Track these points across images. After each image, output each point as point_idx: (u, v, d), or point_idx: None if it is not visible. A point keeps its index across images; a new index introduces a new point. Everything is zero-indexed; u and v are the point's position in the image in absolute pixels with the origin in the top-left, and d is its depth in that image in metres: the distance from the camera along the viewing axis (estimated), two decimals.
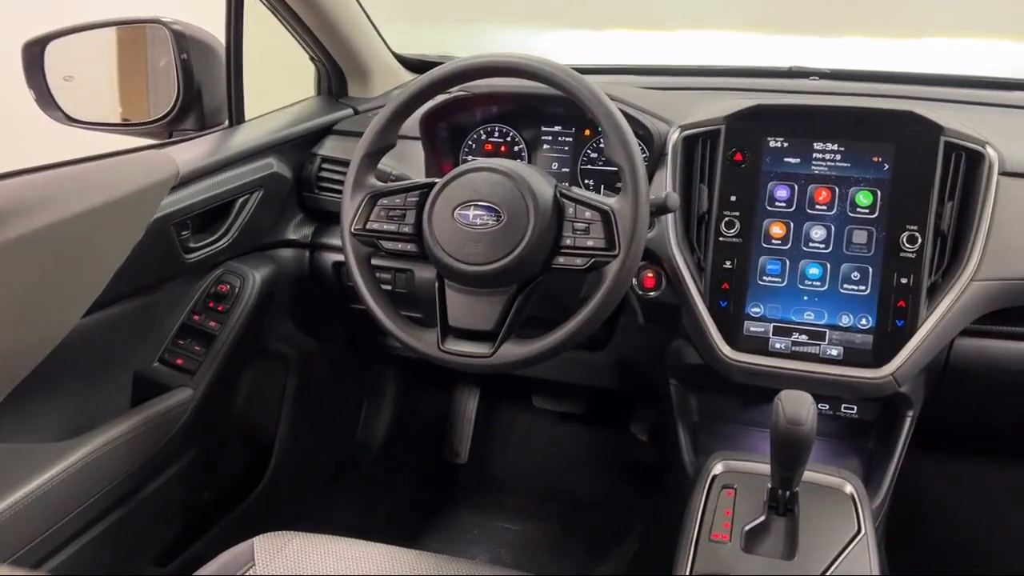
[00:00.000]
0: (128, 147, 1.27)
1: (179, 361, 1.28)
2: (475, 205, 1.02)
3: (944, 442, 1.59)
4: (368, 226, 1.07)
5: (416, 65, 1.65)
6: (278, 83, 1.70)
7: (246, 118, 1.44)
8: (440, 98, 1.31)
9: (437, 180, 1.06)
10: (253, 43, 1.41)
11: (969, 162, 1.11)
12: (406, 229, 1.06)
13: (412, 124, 1.33)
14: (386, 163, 1.22)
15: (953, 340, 1.14)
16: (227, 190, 1.30)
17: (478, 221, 1.01)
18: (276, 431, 1.57)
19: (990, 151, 1.10)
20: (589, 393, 1.92)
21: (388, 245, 1.07)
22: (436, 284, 1.06)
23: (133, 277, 1.15)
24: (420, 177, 1.23)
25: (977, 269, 1.08)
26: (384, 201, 1.08)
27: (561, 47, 2.07)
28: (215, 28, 1.38)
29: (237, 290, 1.33)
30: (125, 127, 1.43)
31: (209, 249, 1.30)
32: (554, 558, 1.77)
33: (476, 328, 1.04)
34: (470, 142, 1.40)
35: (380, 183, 1.10)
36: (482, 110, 1.38)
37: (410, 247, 1.07)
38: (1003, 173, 1.11)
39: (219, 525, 1.45)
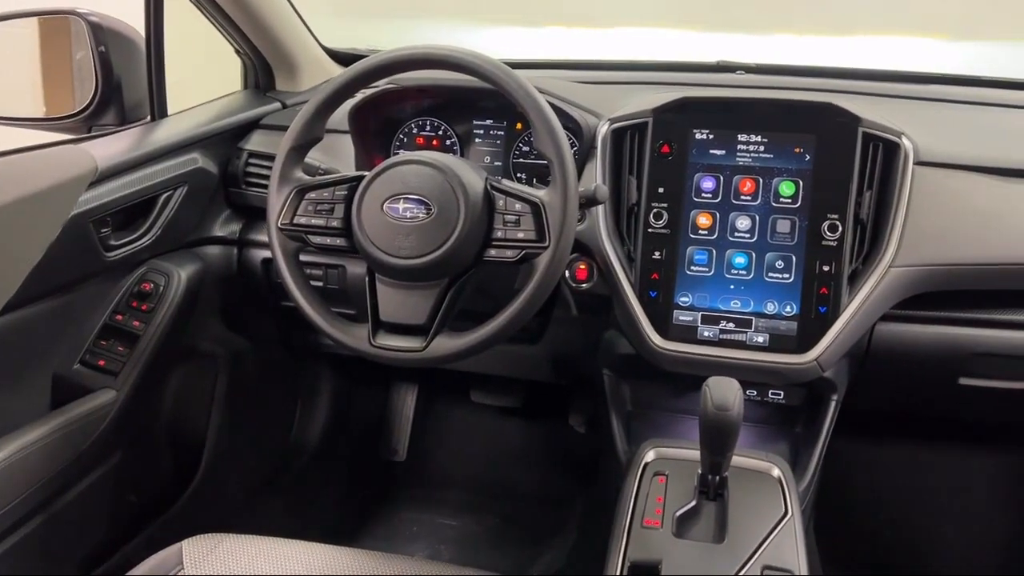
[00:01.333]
0: (43, 143, 1.23)
1: (101, 362, 1.24)
2: (405, 198, 1.01)
3: (868, 425, 1.65)
4: (295, 220, 1.06)
5: (345, 58, 1.63)
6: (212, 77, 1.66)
7: (169, 112, 1.40)
8: (369, 91, 1.30)
9: (366, 173, 1.05)
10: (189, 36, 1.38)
11: (886, 152, 1.15)
12: (334, 223, 1.05)
13: (342, 117, 1.32)
14: (315, 157, 1.20)
15: (874, 325, 1.18)
16: (149, 186, 1.26)
17: (408, 214, 1.01)
18: (206, 432, 1.53)
19: (906, 141, 1.14)
20: (527, 387, 1.93)
21: (316, 240, 1.06)
22: (366, 278, 1.05)
23: (50, 276, 1.11)
24: (350, 171, 1.22)
25: (895, 256, 1.12)
26: (311, 195, 1.06)
27: (496, 43, 2.08)
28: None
29: (162, 289, 1.29)
30: (39, 123, 1.38)
31: (131, 247, 1.26)
32: (494, 552, 1.78)
33: (408, 322, 1.03)
34: (401, 135, 1.39)
35: (307, 177, 1.09)
36: (413, 103, 1.37)
37: (339, 241, 1.05)
38: (918, 163, 1.15)
39: (147, 530, 1.41)
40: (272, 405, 1.78)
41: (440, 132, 1.38)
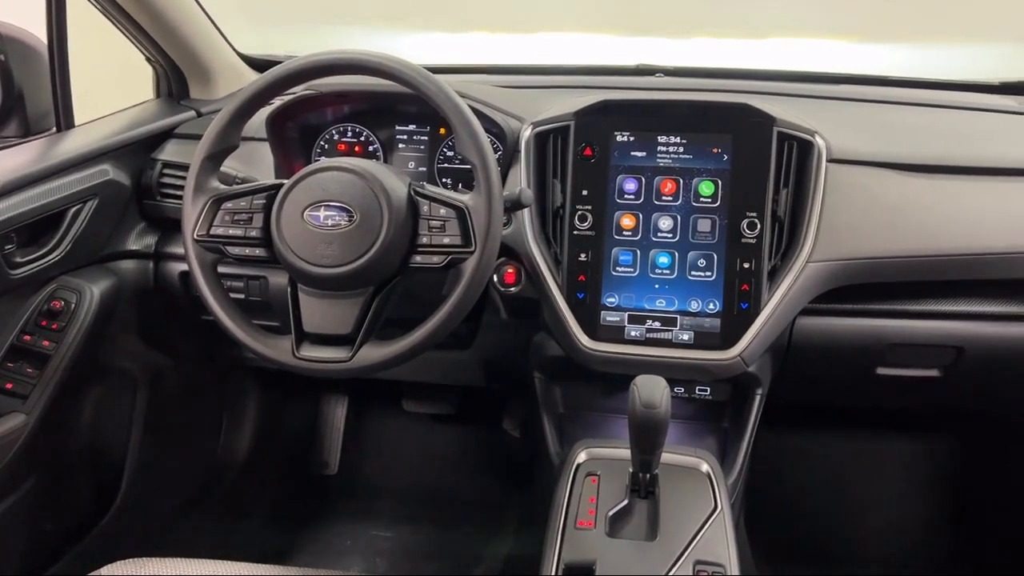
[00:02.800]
0: None
1: (9, 385, 1.19)
2: (326, 205, 0.99)
3: (793, 417, 1.69)
4: (212, 231, 1.03)
5: (262, 65, 1.60)
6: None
7: (77, 123, 1.35)
8: (286, 97, 1.27)
9: (285, 181, 1.03)
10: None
11: (800, 151, 1.18)
12: (253, 233, 1.02)
13: (259, 125, 1.29)
14: (232, 166, 1.17)
15: (794, 319, 1.21)
16: (56, 199, 1.21)
17: (329, 222, 0.99)
18: (126, 453, 1.48)
19: (819, 140, 1.17)
20: (459, 393, 1.92)
21: (235, 251, 1.03)
22: (288, 289, 1.03)
23: None
24: (269, 180, 1.19)
25: (812, 251, 1.15)
26: (228, 205, 1.03)
27: (419, 48, 2.06)
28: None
29: (73, 306, 1.24)
30: None
31: (39, 263, 1.21)
32: (430, 561, 1.76)
33: (333, 332, 1.01)
34: (322, 142, 1.37)
35: (224, 186, 1.06)
36: (333, 109, 1.35)
37: (258, 252, 1.03)
38: (831, 160, 1.18)
39: (66, 557, 1.35)
40: (196, 422, 1.73)
41: (362, 138, 1.36)
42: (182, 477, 1.69)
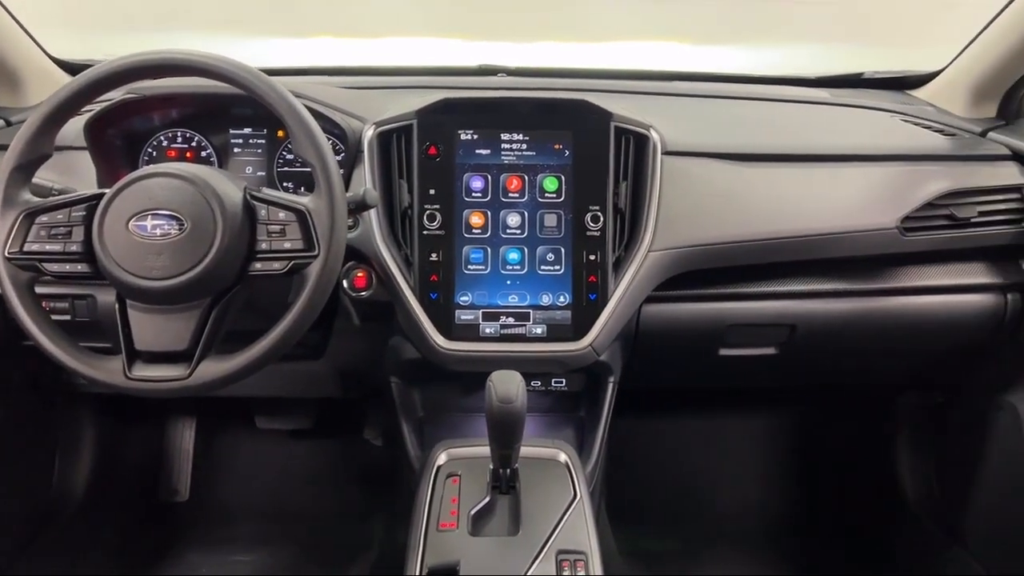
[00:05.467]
0: None
1: None
2: (153, 214, 0.93)
3: (646, 403, 1.75)
4: (25, 248, 0.95)
5: (79, 69, 1.45)
6: None
7: None
8: (105, 102, 1.18)
9: (107, 191, 0.96)
10: None
11: (637, 144, 1.22)
12: (73, 248, 0.95)
13: (77, 132, 1.20)
14: (48, 177, 1.08)
15: (640, 307, 1.25)
16: None
17: (158, 231, 0.93)
18: None
19: (654, 133, 1.22)
20: (316, 405, 1.86)
21: (53, 268, 0.95)
22: (116, 306, 0.96)
23: None
24: (91, 190, 1.10)
25: (652, 241, 1.19)
26: (43, 218, 0.95)
27: (262, 54, 2.00)
28: None
29: None
30: None
31: None
32: None
33: (168, 349, 0.96)
34: (150, 149, 1.29)
35: (38, 199, 0.97)
36: (160, 114, 1.28)
37: (80, 267, 0.95)
38: (666, 152, 1.23)
39: None
40: (24, 459, 1.58)
41: (194, 144, 1.30)
42: (12, 518, 1.54)
